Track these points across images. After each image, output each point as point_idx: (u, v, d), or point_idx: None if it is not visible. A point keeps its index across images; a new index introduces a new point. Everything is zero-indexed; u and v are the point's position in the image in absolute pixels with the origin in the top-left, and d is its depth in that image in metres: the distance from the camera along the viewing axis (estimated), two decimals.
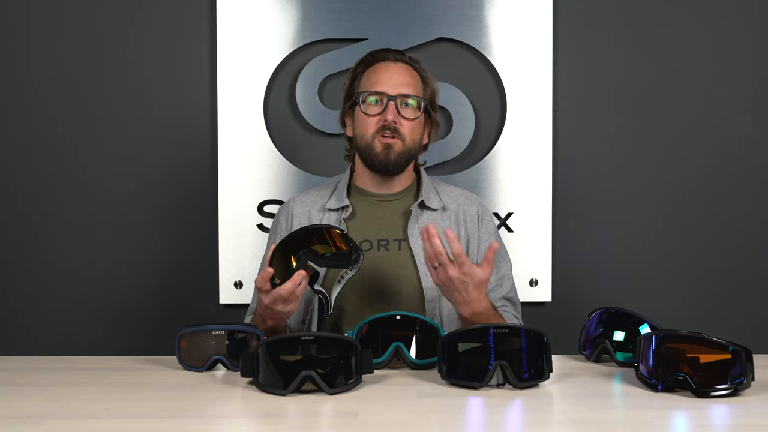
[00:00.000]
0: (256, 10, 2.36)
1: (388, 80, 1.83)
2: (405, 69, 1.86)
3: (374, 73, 1.85)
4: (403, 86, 1.83)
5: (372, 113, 1.83)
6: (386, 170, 1.86)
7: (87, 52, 2.36)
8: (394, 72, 1.85)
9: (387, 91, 1.82)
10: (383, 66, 1.86)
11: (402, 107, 1.82)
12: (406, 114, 1.83)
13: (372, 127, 1.83)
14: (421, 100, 1.84)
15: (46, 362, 1.68)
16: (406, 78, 1.85)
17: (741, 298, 2.44)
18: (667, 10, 2.40)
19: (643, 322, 1.62)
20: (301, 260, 1.60)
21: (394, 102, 1.81)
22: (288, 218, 1.92)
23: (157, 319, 2.39)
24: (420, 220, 1.87)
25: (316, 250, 1.61)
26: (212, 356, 1.55)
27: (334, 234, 1.63)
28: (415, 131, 1.85)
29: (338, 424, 1.26)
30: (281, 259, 1.60)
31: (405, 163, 1.87)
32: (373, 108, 1.83)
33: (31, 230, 2.38)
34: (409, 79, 1.85)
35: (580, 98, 2.41)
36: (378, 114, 1.82)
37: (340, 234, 1.64)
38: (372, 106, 1.83)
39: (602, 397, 1.40)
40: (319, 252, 1.62)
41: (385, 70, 1.85)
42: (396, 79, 1.83)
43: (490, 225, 1.92)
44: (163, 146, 2.38)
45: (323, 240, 1.63)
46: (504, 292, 1.87)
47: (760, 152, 2.43)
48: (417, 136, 1.86)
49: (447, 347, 1.42)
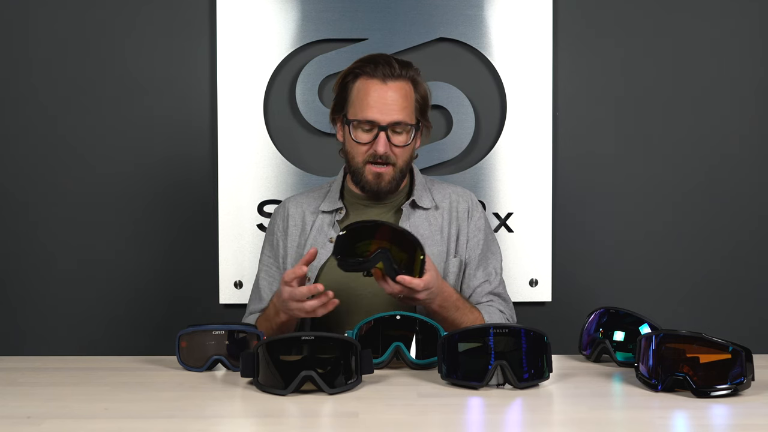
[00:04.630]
0: (256, 10, 2.36)
1: (380, 106, 1.77)
2: (396, 89, 1.79)
3: (365, 95, 1.79)
4: (395, 112, 1.78)
5: (362, 141, 1.79)
6: (377, 197, 1.85)
7: (87, 52, 2.36)
8: (385, 96, 1.78)
9: (378, 120, 1.77)
10: (374, 88, 1.78)
11: (393, 135, 1.79)
12: (398, 141, 1.80)
13: (361, 154, 1.80)
14: (412, 127, 1.81)
15: (46, 362, 1.68)
16: (398, 102, 1.78)
17: (741, 298, 2.44)
18: (667, 11, 2.40)
19: (643, 322, 1.62)
20: (376, 256, 1.54)
21: (386, 132, 1.78)
22: (284, 218, 1.92)
23: (157, 319, 2.39)
24: (411, 218, 1.87)
25: (393, 254, 1.56)
26: (212, 356, 1.55)
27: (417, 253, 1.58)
28: (407, 153, 1.83)
29: (338, 424, 1.26)
30: (348, 240, 1.56)
31: (397, 185, 1.85)
32: (364, 136, 1.79)
33: (31, 230, 2.38)
34: (401, 102, 1.79)
35: (580, 98, 2.41)
36: (367, 143, 1.79)
37: (421, 258, 1.58)
38: (362, 133, 1.80)
39: (602, 397, 1.40)
40: (394, 257, 1.56)
41: (376, 94, 1.78)
42: (388, 105, 1.78)
43: (480, 221, 1.91)
44: (163, 146, 2.38)
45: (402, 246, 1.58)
46: (491, 288, 1.87)
47: (760, 152, 2.43)
48: (409, 155, 1.84)
49: (447, 347, 1.42)
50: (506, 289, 1.92)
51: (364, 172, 1.81)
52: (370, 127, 1.79)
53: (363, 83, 1.81)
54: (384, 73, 1.79)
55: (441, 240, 1.87)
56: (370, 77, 1.80)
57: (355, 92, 1.82)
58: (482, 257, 1.89)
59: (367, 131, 1.79)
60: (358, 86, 1.81)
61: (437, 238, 1.86)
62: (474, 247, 1.89)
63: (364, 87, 1.80)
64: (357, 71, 1.83)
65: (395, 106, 1.78)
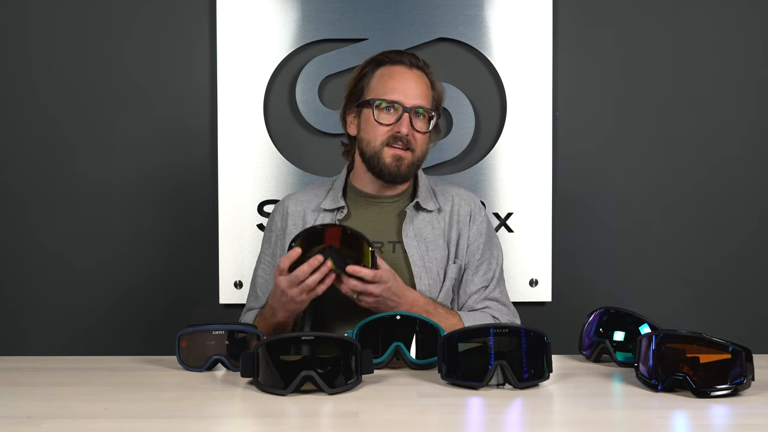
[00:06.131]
0: (256, 10, 2.36)
1: (404, 89, 1.79)
2: (420, 77, 1.82)
3: (389, 78, 1.81)
4: (418, 97, 1.80)
5: (385, 122, 1.79)
6: (395, 181, 1.84)
7: (87, 52, 2.36)
8: (410, 80, 1.81)
9: (403, 102, 1.79)
10: (399, 72, 1.82)
11: (415, 119, 1.80)
12: (419, 126, 1.80)
13: (382, 136, 1.80)
14: (433, 114, 1.83)
15: (46, 362, 1.68)
16: (422, 88, 1.81)
17: (741, 298, 2.44)
18: (667, 10, 2.40)
19: (643, 322, 1.62)
20: (324, 253, 1.61)
21: (409, 114, 1.79)
22: (283, 217, 1.90)
23: (157, 319, 2.39)
24: (415, 221, 1.85)
25: (341, 252, 1.62)
26: (212, 356, 1.55)
27: (364, 247, 1.64)
28: (425, 142, 1.84)
29: (338, 424, 1.26)
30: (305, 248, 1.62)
31: (412, 174, 1.86)
32: (387, 117, 1.80)
33: (31, 231, 2.38)
34: (424, 89, 1.81)
35: (580, 98, 2.41)
36: (390, 124, 1.79)
37: (370, 250, 1.64)
38: (385, 114, 1.80)
39: (602, 397, 1.40)
40: (343, 254, 1.62)
41: (401, 77, 1.81)
42: (412, 89, 1.80)
43: (482, 225, 1.90)
44: (163, 146, 2.38)
45: (350, 244, 1.64)
46: (487, 293, 1.86)
47: (760, 152, 2.43)
48: (426, 147, 1.85)
49: (447, 347, 1.42)
50: (506, 293, 1.91)
51: (383, 156, 1.80)
52: (394, 109, 1.79)
53: (387, 69, 1.83)
54: (411, 62, 1.83)
55: (443, 244, 1.86)
56: (394, 64, 1.83)
57: (377, 78, 1.83)
58: (481, 262, 1.87)
59: (389, 113, 1.80)
60: (382, 72, 1.83)
61: (440, 242, 1.85)
62: (473, 252, 1.87)
63: (389, 72, 1.82)
64: (380, 59, 1.84)
65: (419, 91, 1.81)
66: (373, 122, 1.80)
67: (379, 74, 1.83)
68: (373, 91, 1.82)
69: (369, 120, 1.81)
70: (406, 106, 1.78)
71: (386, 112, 1.80)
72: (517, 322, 1.88)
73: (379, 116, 1.80)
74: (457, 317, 1.77)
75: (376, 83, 1.82)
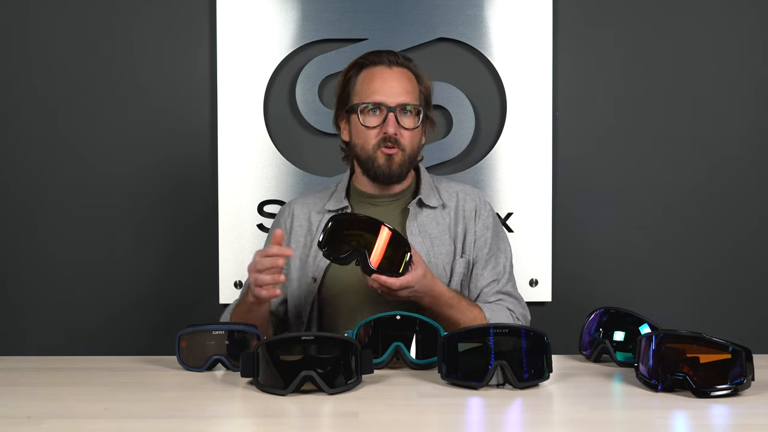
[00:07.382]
0: (256, 10, 2.36)
1: (386, 89, 1.79)
2: (401, 74, 1.82)
3: (370, 80, 1.81)
4: (401, 95, 1.79)
5: (371, 125, 1.80)
6: (390, 181, 1.84)
7: (87, 52, 2.36)
8: (391, 79, 1.81)
9: (386, 102, 1.78)
10: (379, 72, 1.82)
11: (402, 117, 1.80)
12: (406, 123, 1.80)
13: (373, 139, 1.80)
14: (420, 108, 1.82)
15: (46, 362, 1.68)
16: (404, 84, 1.81)
17: (741, 298, 2.44)
18: (667, 11, 2.40)
19: (643, 322, 1.62)
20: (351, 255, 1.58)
21: (394, 113, 1.78)
22: (289, 218, 1.91)
23: (157, 319, 2.39)
24: (418, 218, 1.86)
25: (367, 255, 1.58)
26: (212, 356, 1.55)
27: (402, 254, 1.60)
28: (415, 139, 1.83)
29: (338, 424, 1.26)
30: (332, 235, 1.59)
31: (407, 171, 1.86)
32: (372, 119, 1.80)
33: (31, 230, 2.38)
34: (407, 85, 1.81)
35: (580, 98, 2.41)
36: (377, 126, 1.79)
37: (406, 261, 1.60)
38: (371, 117, 1.80)
39: (602, 397, 1.40)
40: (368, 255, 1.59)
41: (382, 77, 1.81)
42: (394, 88, 1.80)
43: (488, 220, 1.90)
44: (163, 146, 2.38)
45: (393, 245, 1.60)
46: (499, 287, 1.86)
47: (760, 152, 2.43)
48: (416, 143, 1.84)
49: (447, 347, 1.42)
50: (516, 287, 1.92)
51: (377, 158, 1.81)
52: (379, 110, 1.79)
53: (369, 71, 1.83)
54: (389, 60, 1.82)
55: (449, 240, 1.86)
56: (375, 65, 1.83)
57: (360, 81, 1.83)
58: (490, 256, 1.87)
59: (375, 115, 1.80)
60: (363, 75, 1.83)
61: (445, 237, 1.85)
62: (481, 246, 1.87)
63: (370, 74, 1.82)
64: (361, 62, 1.84)
65: (401, 88, 1.80)
66: (362, 127, 1.81)
67: (362, 77, 1.83)
68: (358, 96, 1.82)
69: (357, 125, 1.82)
70: (390, 105, 1.78)
71: (372, 114, 1.80)
72: (528, 317, 1.90)
73: (365, 120, 1.80)
74: (477, 309, 1.77)
75: (359, 87, 1.83)
